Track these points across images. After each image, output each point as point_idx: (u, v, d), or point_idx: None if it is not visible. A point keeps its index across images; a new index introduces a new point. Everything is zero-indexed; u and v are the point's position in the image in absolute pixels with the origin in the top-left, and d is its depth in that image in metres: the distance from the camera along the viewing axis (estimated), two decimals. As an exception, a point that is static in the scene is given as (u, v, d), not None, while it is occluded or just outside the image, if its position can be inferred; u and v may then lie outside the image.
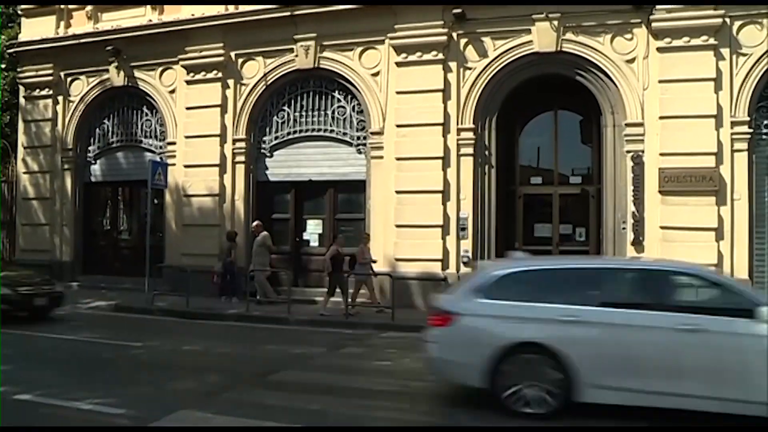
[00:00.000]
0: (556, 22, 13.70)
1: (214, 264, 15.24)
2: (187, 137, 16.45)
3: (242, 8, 15.94)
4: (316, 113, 15.74)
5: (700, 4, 12.95)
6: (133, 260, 16.70)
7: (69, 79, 18.19)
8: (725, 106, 12.88)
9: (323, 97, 15.71)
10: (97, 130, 18.20)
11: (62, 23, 18.26)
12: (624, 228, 13.40)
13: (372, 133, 14.87)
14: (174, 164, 16.45)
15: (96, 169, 18.30)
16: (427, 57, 14.37)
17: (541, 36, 13.80)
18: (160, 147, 17.13)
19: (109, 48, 17.05)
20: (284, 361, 9.34)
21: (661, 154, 13.06)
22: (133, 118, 17.77)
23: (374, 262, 13.94)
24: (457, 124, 14.22)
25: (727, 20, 12.89)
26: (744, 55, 12.93)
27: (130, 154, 17.82)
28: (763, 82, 12.94)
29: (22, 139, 18.91)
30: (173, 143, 16.72)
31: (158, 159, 16.54)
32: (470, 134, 14.17)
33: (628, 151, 13.42)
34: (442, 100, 14.25)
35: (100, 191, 18.89)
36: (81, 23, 18.02)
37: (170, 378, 8.21)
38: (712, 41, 12.95)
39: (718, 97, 12.89)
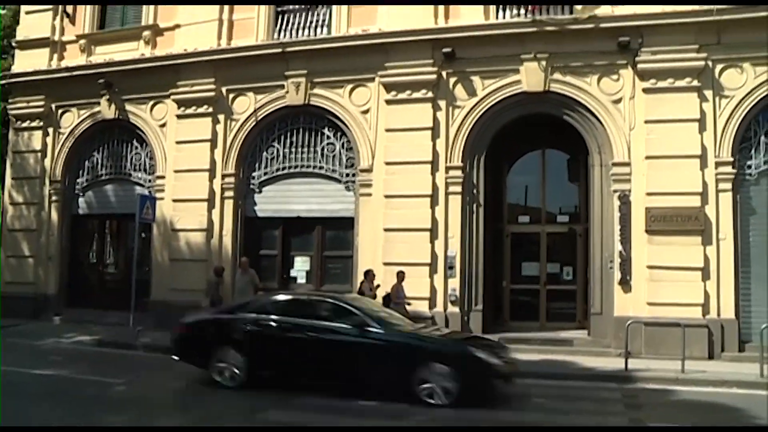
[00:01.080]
0: (544, 63, 13.95)
1: (201, 299, 15.07)
2: (176, 171, 16.44)
3: (234, 44, 16.15)
4: (305, 150, 15.80)
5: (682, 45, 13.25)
6: (119, 294, 16.49)
7: (60, 111, 18.20)
8: (709, 147, 13.10)
9: (313, 133, 15.80)
10: (86, 162, 18.15)
11: (55, 56, 18.33)
12: (611, 267, 13.45)
13: (361, 171, 14.94)
14: (163, 198, 16.40)
15: (84, 201, 18.20)
16: (416, 95, 14.53)
17: (530, 76, 14.01)
18: (149, 180, 17.10)
19: (101, 81, 17.12)
20: (273, 401, 9.19)
21: (648, 194, 13.21)
22: (122, 151, 17.75)
23: (409, 304, 13.49)
24: (446, 162, 14.32)
25: (710, 63, 13.21)
26: (726, 97, 13.22)
27: (119, 187, 17.75)
28: (745, 123, 13.21)
29: (9, 170, 18.81)
30: (162, 177, 16.69)
31: (147, 193, 16.54)
32: (459, 172, 14.27)
33: (615, 191, 13.54)
34: (431, 138, 14.37)
35: (87, 224, 18.74)
36: (74, 56, 18.12)
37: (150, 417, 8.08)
38: (695, 83, 13.24)
39: (702, 138, 13.11)
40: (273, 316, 10.14)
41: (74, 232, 18.39)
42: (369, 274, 13.49)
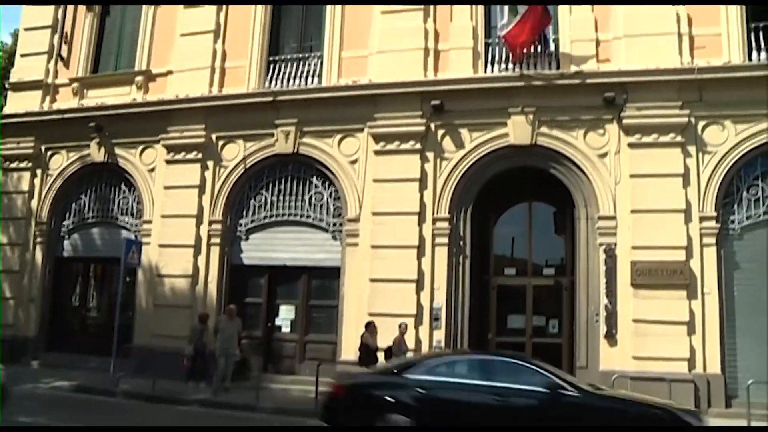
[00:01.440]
0: (531, 116, 14.17)
1: (184, 346, 14.89)
2: (163, 216, 16.40)
3: (225, 91, 16.34)
4: (293, 198, 15.83)
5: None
6: (101, 339, 16.27)
7: (49, 153, 18.22)
8: (694, 202, 13.26)
9: (301, 182, 15.87)
10: (73, 205, 18.08)
11: (48, 98, 18.45)
12: (597, 320, 13.44)
13: (348, 220, 14.97)
14: (149, 243, 16.32)
15: (69, 244, 18.06)
16: (405, 146, 14.67)
17: (517, 129, 14.21)
18: (136, 225, 17.04)
19: (91, 124, 17.20)
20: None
21: (633, 247, 13.29)
22: (110, 195, 17.71)
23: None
24: (433, 213, 14.38)
25: (693, 119, 13.48)
26: (709, 153, 13.45)
27: (105, 231, 17.66)
28: (728, 179, 13.42)
29: (-4, 211, 18.76)
30: (149, 222, 16.63)
31: (133, 237, 16.46)
32: (445, 224, 14.32)
33: (601, 244, 13.62)
34: (418, 190, 14.45)
35: (71, 266, 18.56)
36: (66, 99, 18.26)
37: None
38: (679, 139, 13.47)
39: (686, 193, 13.29)
40: (450, 379, 9.29)
41: (58, 274, 18.21)
42: (370, 326, 13.30)
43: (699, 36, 13.86)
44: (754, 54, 13.60)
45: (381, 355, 12.90)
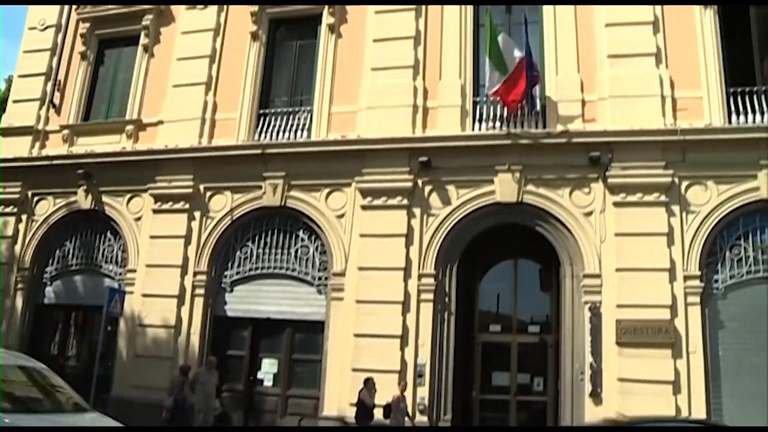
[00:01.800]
0: (517, 174, 14.32)
1: (164, 398, 14.61)
2: (148, 266, 16.27)
3: (215, 143, 16.46)
4: (279, 251, 15.78)
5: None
6: (79, 388, 15.69)
7: (35, 198, 18.13)
8: (678, 261, 13.34)
9: (287, 235, 15.85)
10: (57, 251, 17.92)
11: (37, 144, 18.50)
12: (582, 379, 13.34)
13: (334, 274, 14.90)
14: (132, 292, 16.15)
15: (51, 290, 17.83)
16: (392, 202, 14.74)
17: (503, 187, 14.35)
18: (120, 274, 16.88)
19: (80, 171, 17.18)
20: None
21: (618, 306, 13.29)
22: (95, 243, 17.58)
23: (411, 418, 13.15)
24: (419, 269, 14.35)
25: (676, 180, 13.69)
26: (692, 212, 13.61)
27: (88, 279, 17.46)
28: (711, 238, 13.54)
29: (-22, 256, 18.55)
30: (133, 271, 16.49)
31: (116, 286, 16.30)
32: (431, 280, 14.28)
33: (586, 302, 13.61)
34: (404, 245, 14.47)
35: (52, 314, 18.24)
36: (56, 145, 18.30)
37: None
38: (663, 198, 13.65)
39: (671, 252, 13.38)
40: None
41: (38, 321, 17.90)
42: (369, 383, 13.08)
43: (681, 98, 14.19)
44: (734, 117, 13.93)
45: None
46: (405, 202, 14.69)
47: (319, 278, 15.29)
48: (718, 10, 14.67)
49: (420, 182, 14.77)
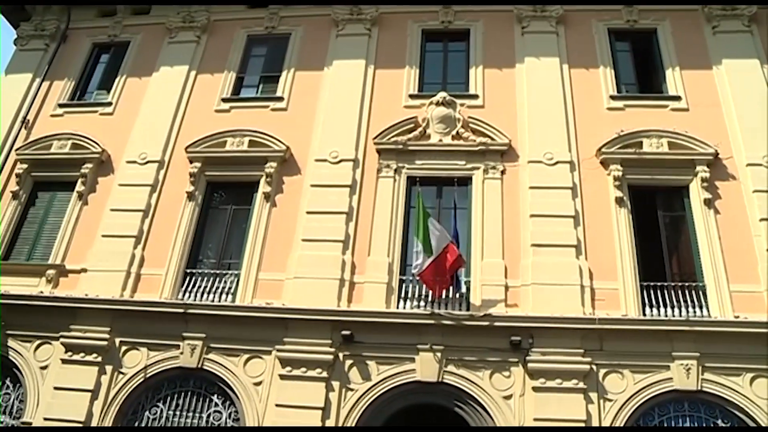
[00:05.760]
0: (439, 354, 14.37)
1: None
2: (47, 420, 15.07)
3: (137, 297, 16.09)
4: (190, 415, 14.98)
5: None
6: None
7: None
8: (598, 450, 13.26)
9: (201, 399, 15.15)
10: (-56, 399, 16.62)
11: (-52, 281, 17.68)
12: None
13: (244, 447, 14.21)
14: (25, 448, 14.93)
15: (-69, 446, 16.35)
16: (311, 373, 14.44)
17: (424, 366, 14.32)
18: (11, 425, 15.57)
19: (-14, 313, 16.40)
20: None
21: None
22: (-10, 391, 16.42)
23: None
24: (333, 443, 13.84)
25: (594, 367, 13.95)
26: (609, 400, 13.76)
27: (-25, 431, 16.14)
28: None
29: None
30: (29, 424, 15.24)
31: (5, 440, 15.07)
32: (344, 455, 13.76)
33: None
34: (320, 419, 13.99)
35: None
36: (-32, 282, 17.52)
37: None
38: (581, 385, 13.82)
39: (593, 439, 13.30)
40: None
41: None
42: None
43: (599, 289, 14.86)
44: (647, 309, 14.57)
45: None
46: (324, 374, 14.41)
47: (230, 452, 14.55)
48: (632, 210, 15.81)
49: (341, 355, 14.62)
